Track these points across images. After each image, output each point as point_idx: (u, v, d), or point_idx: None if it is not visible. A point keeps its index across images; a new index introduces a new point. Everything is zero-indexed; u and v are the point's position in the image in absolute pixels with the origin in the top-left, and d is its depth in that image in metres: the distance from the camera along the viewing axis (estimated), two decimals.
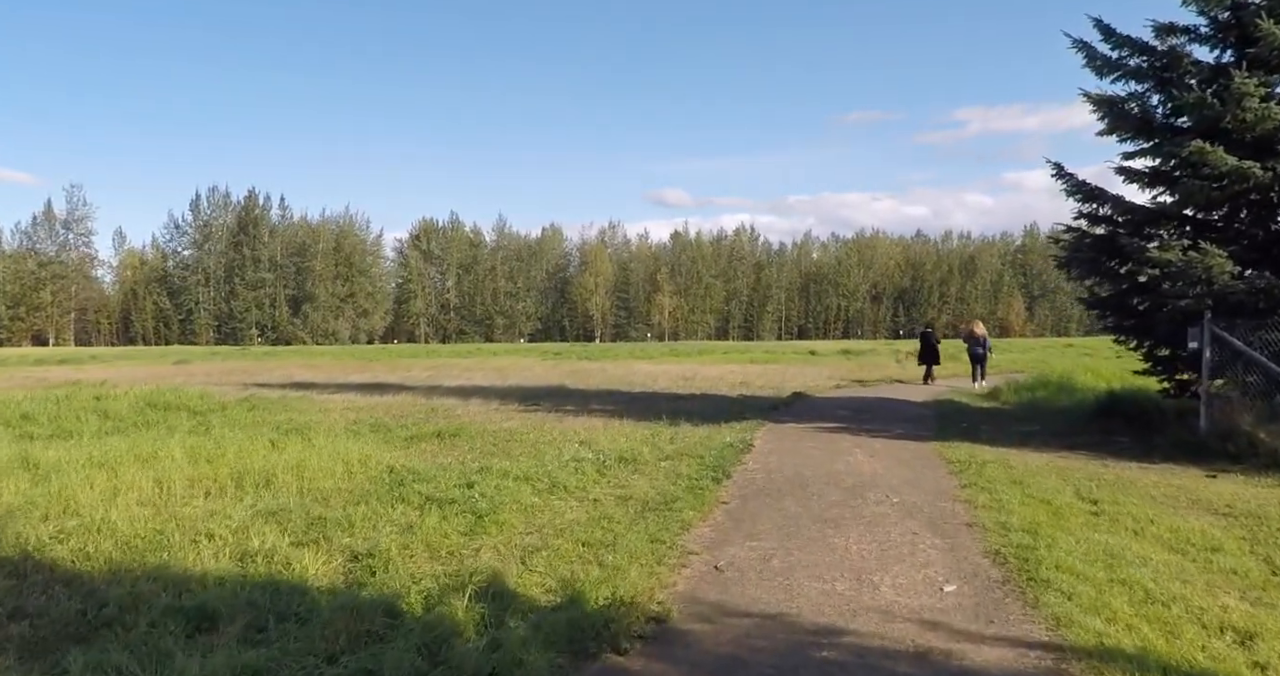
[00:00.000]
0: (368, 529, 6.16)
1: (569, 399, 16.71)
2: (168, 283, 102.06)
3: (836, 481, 7.91)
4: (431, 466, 8.57)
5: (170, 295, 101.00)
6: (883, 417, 13.64)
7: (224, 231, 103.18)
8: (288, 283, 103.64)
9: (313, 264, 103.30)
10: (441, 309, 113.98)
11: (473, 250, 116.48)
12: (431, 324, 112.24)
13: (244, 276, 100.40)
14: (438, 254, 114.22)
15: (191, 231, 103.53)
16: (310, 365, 30.55)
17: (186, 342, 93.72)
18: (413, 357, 39.29)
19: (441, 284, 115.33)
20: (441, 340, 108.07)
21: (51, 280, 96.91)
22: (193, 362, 34.64)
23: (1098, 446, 10.87)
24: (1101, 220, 13.07)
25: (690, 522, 6.32)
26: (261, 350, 59.63)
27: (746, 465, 8.66)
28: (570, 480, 7.68)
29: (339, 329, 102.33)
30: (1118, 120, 12.19)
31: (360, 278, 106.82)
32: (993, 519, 6.38)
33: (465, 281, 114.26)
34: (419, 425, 12.06)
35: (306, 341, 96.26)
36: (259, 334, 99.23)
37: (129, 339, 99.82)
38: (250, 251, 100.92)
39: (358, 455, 8.93)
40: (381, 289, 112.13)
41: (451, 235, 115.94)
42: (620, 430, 11.48)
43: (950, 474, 8.43)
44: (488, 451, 9.79)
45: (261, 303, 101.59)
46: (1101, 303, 13.13)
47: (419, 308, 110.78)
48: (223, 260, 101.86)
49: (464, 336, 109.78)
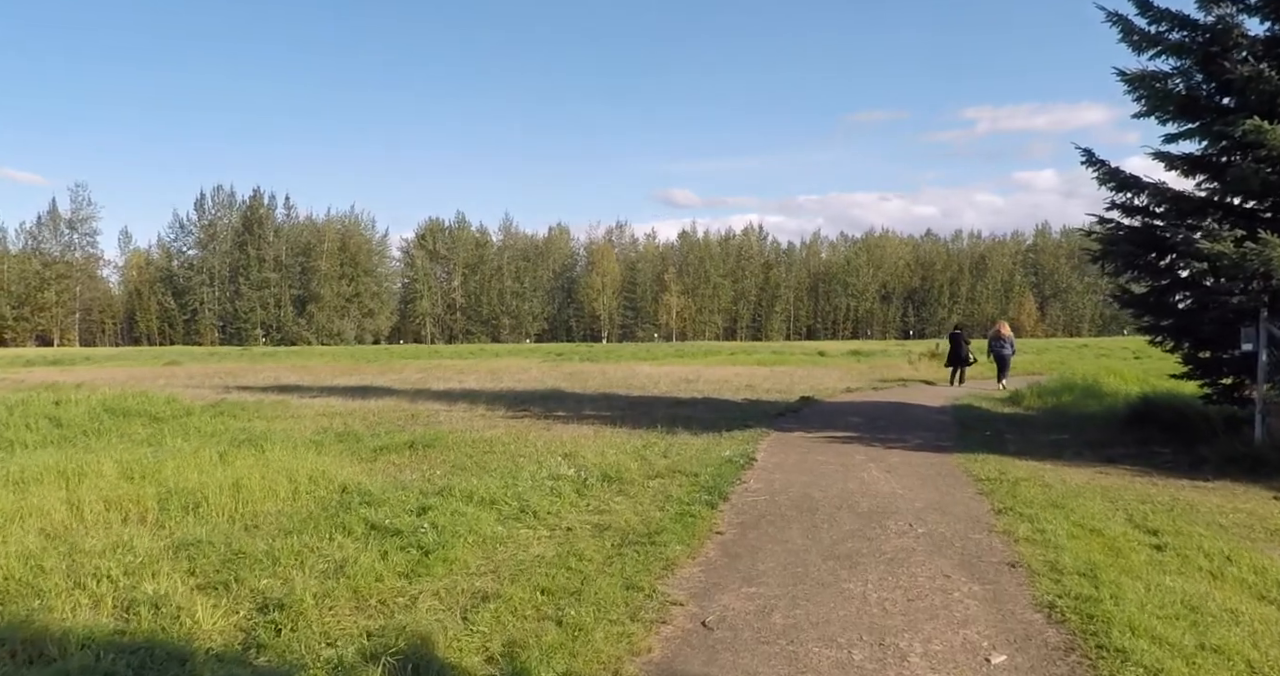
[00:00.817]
0: (292, 567, 5.16)
1: (562, 403, 15.71)
2: (172, 283, 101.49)
3: (850, 504, 6.86)
4: (390, 485, 7.57)
5: (175, 295, 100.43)
6: (898, 425, 12.59)
7: (229, 231, 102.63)
8: (293, 283, 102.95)
9: (318, 264, 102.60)
10: (447, 309, 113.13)
11: (479, 250, 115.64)
12: (438, 324, 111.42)
13: (249, 276, 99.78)
14: (444, 254, 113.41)
15: (196, 231, 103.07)
16: (303, 367, 29.62)
17: (191, 343, 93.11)
18: (411, 359, 38.36)
19: (448, 284, 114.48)
20: (447, 340, 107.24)
21: (56, 280, 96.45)
22: (184, 364, 33.78)
23: (1138, 459, 9.80)
24: (1137, 211, 12.01)
25: (676, 560, 5.30)
26: (261, 351, 58.87)
27: (747, 484, 7.62)
28: (543, 503, 6.66)
29: (344, 329, 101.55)
30: (1159, 99, 11.10)
31: (365, 278, 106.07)
32: (1039, 557, 5.33)
33: (471, 281, 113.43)
34: (392, 434, 11.07)
35: (311, 342, 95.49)
36: (264, 334, 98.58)
37: (133, 339, 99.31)
38: (255, 251, 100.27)
39: (311, 471, 7.94)
40: (387, 289, 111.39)
41: (458, 235, 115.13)
42: (610, 440, 10.46)
43: (980, 494, 7.38)
44: (460, 465, 8.79)
45: (266, 303, 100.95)
46: (1137, 301, 12.04)
47: (425, 308, 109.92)
48: (227, 260, 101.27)
49: (470, 337, 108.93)
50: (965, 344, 21.79)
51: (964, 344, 21.74)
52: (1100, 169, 12.10)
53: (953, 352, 21.89)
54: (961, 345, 21.66)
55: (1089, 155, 12.24)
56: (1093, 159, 12.20)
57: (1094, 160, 12.19)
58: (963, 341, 21.76)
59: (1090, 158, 12.23)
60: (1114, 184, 12.02)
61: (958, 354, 21.65)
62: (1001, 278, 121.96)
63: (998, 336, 21.07)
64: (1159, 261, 11.54)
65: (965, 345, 21.78)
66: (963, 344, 21.71)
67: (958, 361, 21.64)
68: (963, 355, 21.61)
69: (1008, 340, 20.82)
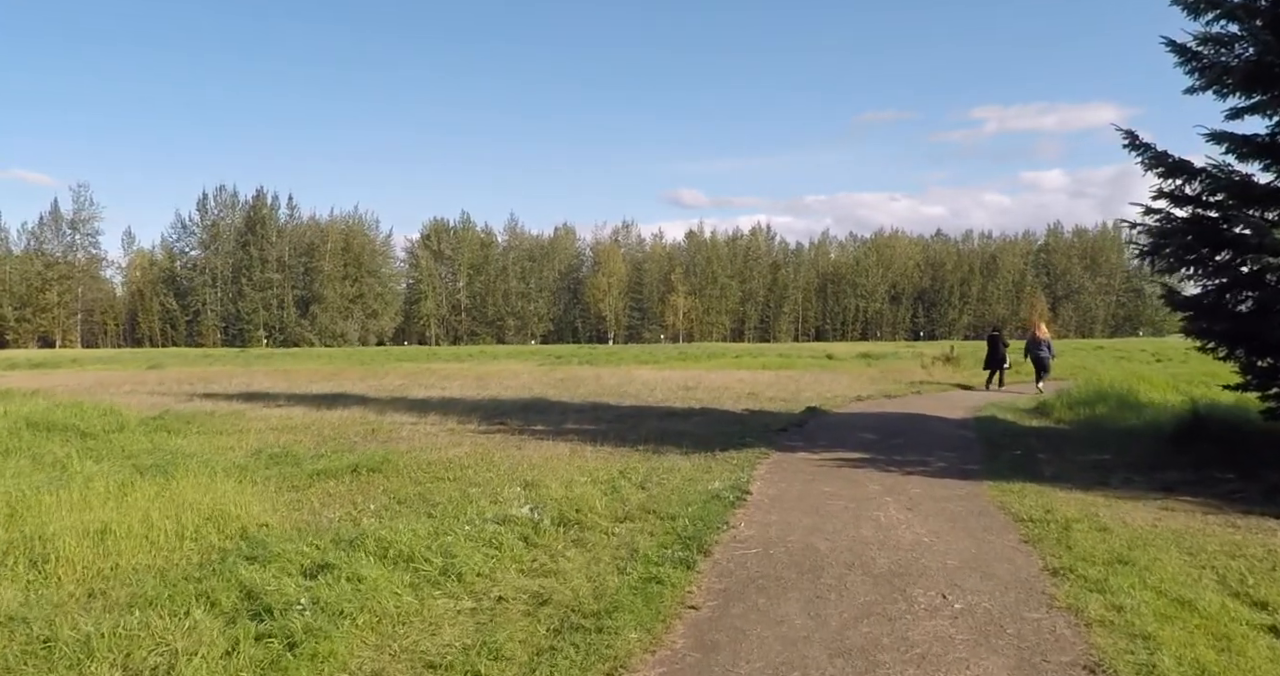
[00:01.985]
0: (106, 668, 3.79)
1: (545, 415, 14.31)
2: (174, 283, 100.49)
3: (865, 561, 5.44)
4: (300, 529, 6.20)
5: (177, 296, 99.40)
6: (916, 443, 11.15)
7: (231, 231, 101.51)
8: (296, 283, 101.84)
9: (321, 264, 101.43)
10: (452, 310, 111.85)
11: (484, 250, 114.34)
12: (442, 325, 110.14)
13: (251, 277, 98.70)
14: (448, 254, 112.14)
15: (199, 232, 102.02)
16: (287, 371, 28.30)
17: (194, 345, 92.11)
18: (404, 362, 37.05)
19: (452, 284, 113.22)
20: (452, 342, 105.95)
21: (58, 281, 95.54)
22: (167, 367, 32.55)
23: (1199, 488, 8.35)
24: (1188, 200, 10.57)
25: (628, 659, 3.89)
26: (257, 352, 57.79)
27: (736, 529, 6.19)
28: (474, 560, 5.26)
29: (348, 330, 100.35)
30: (1221, 71, 9.65)
31: (369, 278, 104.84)
32: (1127, 656, 3.89)
33: (476, 282, 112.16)
34: (340, 454, 9.69)
35: (315, 343, 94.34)
36: (266, 335, 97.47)
37: (135, 341, 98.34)
38: (258, 252, 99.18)
39: (212, 509, 6.56)
40: (391, 289, 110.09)
41: (462, 235, 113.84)
42: (585, 464, 9.06)
43: (1025, 543, 5.95)
44: (400, 498, 7.40)
45: (269, 304, 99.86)
46: (1190, 302, 10.58)
47: (429, 309, 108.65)
48: (230, 260, 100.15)
49: (475, 338, 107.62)
50: (1003, 346, 21.00)
51: (1002, 346, 20.95)
52: (1145, 153, 10.69)
53: (991, 355, 21.13)
54: (999, 347, 20.91)
55: (1132, 138, 10.80)
56: (1136, 142, 10.78)
57: (1138, 144, 10.77)
58: (1000, 343, 20.96)
59: (1134, 141, 10.79)
60: (1162, 169, 10.60)
61: (995, 356, 20.91)
62: (1013, 278, 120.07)
63: (1035, 338, 20.34)
64: (1213, 256, 10.13)
65: (1003, 347, 20.99)
66: (1000, 346, 20.93)
67: (995, 364, 20.90)
68: (1000, 357, 20.86)
69: (1045, 341, 20.04)
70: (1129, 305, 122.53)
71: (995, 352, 20.93)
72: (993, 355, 21.00)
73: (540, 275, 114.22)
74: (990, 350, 21.21)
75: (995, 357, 20.90)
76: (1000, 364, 20.86)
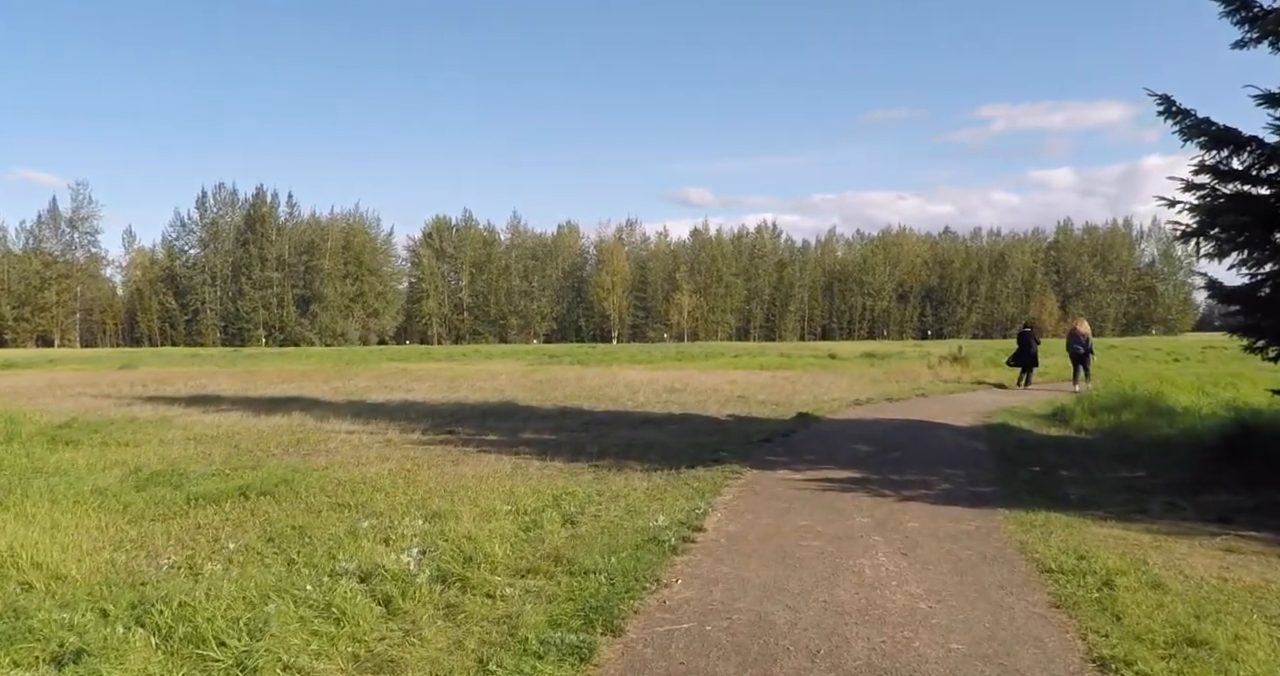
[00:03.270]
0: None
1: (505, 422, 12.86)
2: (174, 282, 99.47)
3: (835, 647, 3.92)
4: (110, 584, 4.76)
5: (176, 295, 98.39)
6: (917, 457, 9.64)
7: (231, 230, 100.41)
8: (296, 282, 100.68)
9: (321, 263, 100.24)
10: (454, 309, 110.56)
11: (486, 249, 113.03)
12: (444, 324, 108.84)
13: (251, 276, 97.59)
14: (450, 252, 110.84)
15: (198, 230, 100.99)
16: (248, 372, 26.88)
17: (193, 344, 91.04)
18: (396, 361, 35.63)
19: (455, 283, 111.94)
20: (455, 341, 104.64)
21: (57, 280, 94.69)
22: (138, 368, 31.22)
23: (1262, 516, 6.85)
24: (1235, 175, 9.07)
25: None
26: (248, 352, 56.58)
27: (669, 589, 4.67)
28: (291, 644, 3.78)
29: (348, 329, 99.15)
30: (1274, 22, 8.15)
31: (370, 277, 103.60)
32: None
33: (479, 281, 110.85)
34: (237, 473, 8.25)
35: (315, 342, 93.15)
36: (266, 335, 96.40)
37: (134, 340, 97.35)
38: (258, 250, 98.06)
39: (29, 557, 5.14)
40: (392, 288, 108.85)
41: (465, 233, 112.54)
42: (523, 484, 7.60)
43: (1055, 607, 4.46)
44: (272, 534, 5.94)
45: (269, 302, 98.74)
46: (1240, 295, 9.06)
47: (431, 307, 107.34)
48: (229, 259, 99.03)
49: (477, 337, 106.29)
50: (1036, 343, 19.79)
51: (1034, 343, 19.72)
52: (1183, 121, 9.23)
53: (1021, 352, 19.89)
54: (1031, 343, 19.69)
55: (1167, 103, 9.33)
56: (1172, 108, 9.29)
57: (1174, 110, 9.29)
58: (1033, 340, 19.72)
59: (1169, 107, 9.31)
60: (1204, 139, 9.12)
61: (1027, 353, 19.70)
62: (1022, 276, 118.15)
63: (1074, 335, 19.26)
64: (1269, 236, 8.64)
65: (1036, 344, 19.78)
66: (1033, 342, 19.70)
67: (1027, 361, 19.68)
68: (1033, 354, 19.69)
69: (1084, 338, 18.96)
70: (1140, 303, 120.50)
71: (1027, 350, 19.67)
72: (1024, 352, 19.74)
73: (543, 274, 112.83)
74: (1022, 347, 19.92)
75: (1027, 355, 19.65)
76: (1033, 362, 19.66)
